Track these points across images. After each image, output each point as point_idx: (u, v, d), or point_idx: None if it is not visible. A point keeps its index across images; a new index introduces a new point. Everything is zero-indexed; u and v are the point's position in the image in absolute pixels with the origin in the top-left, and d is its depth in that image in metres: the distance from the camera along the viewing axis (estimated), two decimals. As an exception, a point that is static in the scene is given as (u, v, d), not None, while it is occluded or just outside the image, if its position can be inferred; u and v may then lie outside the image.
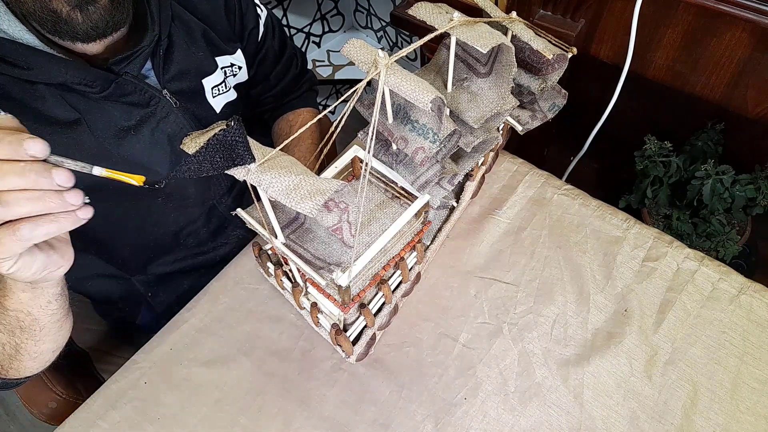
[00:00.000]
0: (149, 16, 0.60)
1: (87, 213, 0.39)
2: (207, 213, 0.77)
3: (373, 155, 0.61)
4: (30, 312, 0.49)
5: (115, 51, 0.59)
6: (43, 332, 0.52)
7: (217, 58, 0.71)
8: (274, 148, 0.45)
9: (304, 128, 0.45)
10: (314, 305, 0.60)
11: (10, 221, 0.36)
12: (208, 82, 0.70)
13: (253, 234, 0.75)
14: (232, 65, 0.74)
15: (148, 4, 0.61)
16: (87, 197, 0.38)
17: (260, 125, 0.94)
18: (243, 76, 0.77)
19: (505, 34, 0.60)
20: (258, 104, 0.89)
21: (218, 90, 0.72)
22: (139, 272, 0.76)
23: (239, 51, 0.75)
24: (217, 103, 0.73)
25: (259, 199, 0.48)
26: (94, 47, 0.57)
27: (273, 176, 0.42)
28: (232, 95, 0.75)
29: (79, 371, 0.78)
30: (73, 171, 0.37)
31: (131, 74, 0.60)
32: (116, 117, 0.61)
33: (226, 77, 0.73)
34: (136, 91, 0.61)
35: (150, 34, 0.60)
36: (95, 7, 0.52)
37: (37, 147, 0.34)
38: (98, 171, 0.37)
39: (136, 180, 0.39)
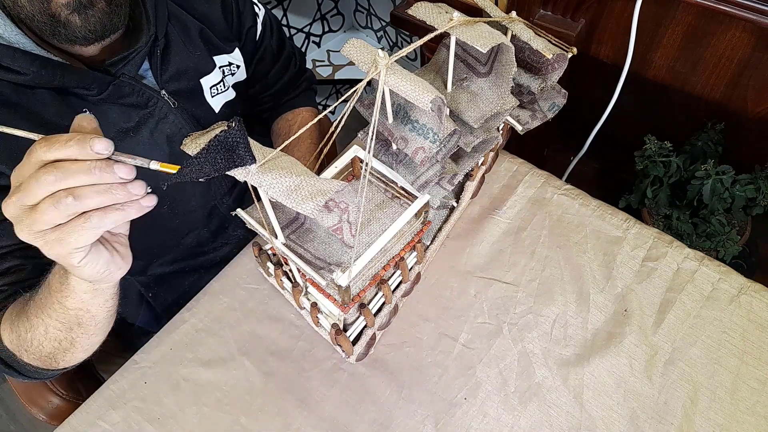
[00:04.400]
0: (145, 16, 0.60)
1: (151, 201, 0.42)
2: (208, 214, 0.77)
3: (373, 155, 0.61)
4: (89, 310, 0.53)
5: (112, 52, 0.59)
6: (98, 327, 0.56)
7: (215, 58, 0.71)
8: (274, 147, 0.45)
9: (304, 128, 0.45)
10: (314, 305, 0.60)
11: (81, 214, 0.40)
12: (206, 82, 0.70)
13: (254, 234, 0.75)
14: (230, 64, 0.74)
15: (143, 4, 0.60)
16: (149, 187, 0.41)
17: (260, 124, 0.94)
18: (241, 75, 0.77)
19: (505, 33, 0.60)
20: (257, 103, 0.89)
21: (217, 89, 0.72)
22: (140, 273, 0.76)
23: (237, 50, 0.75)
24: (216, 103, 0.73)
25: (259, 199, 0.48)
26: (91, 49, 0.57)
27: (274, 177, 0.42)
28: (231, 94, 0.75)
29: (79, 371, 0.78)
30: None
31: (129, 75, 0.60)
32: (115, 119, 0.61)
33: (225, 76, 0.73)
34: (134, 92, 0.61)
35: (146, 35, 0.60)
36: (93, 11, 0.52)
37: (102, 145, 0.37)
38: (154, 165, 0.40)
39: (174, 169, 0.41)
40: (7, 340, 0.57)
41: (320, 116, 0.51)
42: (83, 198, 0.38)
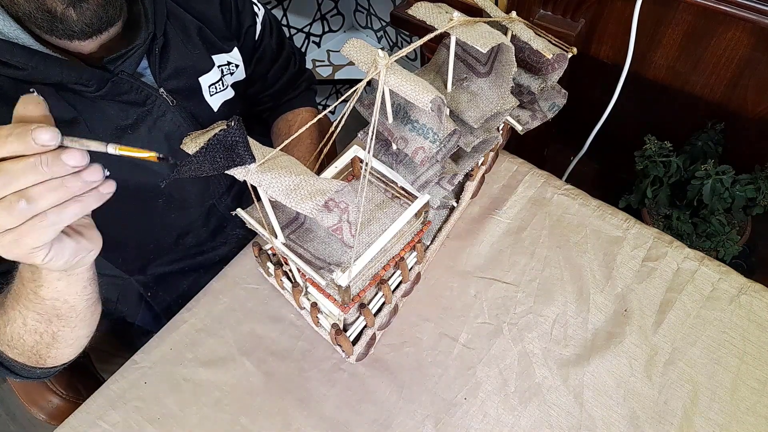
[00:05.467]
0: (143, 13, 0.60)
1: (110, 188, 0.39)
2: (206, 213, 0.77)
3: (373, 155, 0.61)
4: (66, 300, 0.50)
5: (110, 49, 0.59)
6: (79, 318, 0.53)
7: (213, 56, 0.71)
8: (274, 147, 0.45)
9: (304, 128, 0.45)
10: (314, 305, 0.60)
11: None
12: (204, 80, 0.70)
13: (253, 234, 0.75)
14: (228, 63, 0.74)
15: (142, 1, 0.60)
16: (107, 170, 0.37)
17: (260, 124, 0.94)
18: (240, 74, 0.77)
19: (505, 33, 0.60)
20: (256, 103, 0.89)
21: (215, 88, 0.72)
22: (139, 273, 0.76)
23: (236, 49, 0.75)
24: (215, 102, 0.73)
25: (259, 199, 0.48)
26: (89, 45, 0.57)
27: (273, 176, 0.42)
28: (230, 93, 0.75)
29: (79, 371, 0.78)
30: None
31: (127, 73, 0.60)
32: (113, 116, 0.61)
33: (223, 75, 0.73)
34: (132, 89, 0.61)
35: (144, 32, 0.60)
36: (88, 4, 0.52)
37: (47, 136, 0.34)
38: (113, 149, 0.36)
39: (150, 156, 0.38)
40: None
41: (320, 116, 0.51)
42: (37, 200, 0.35)
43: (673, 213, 1.03)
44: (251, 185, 0.44)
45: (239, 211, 0.55)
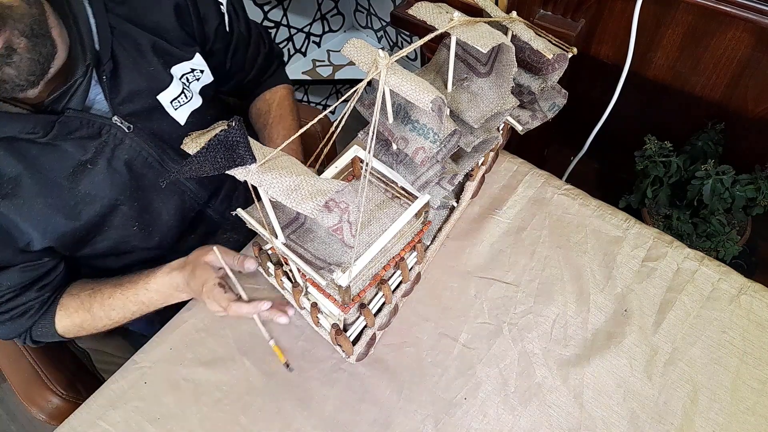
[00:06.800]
0: (79, 44, 0.57)
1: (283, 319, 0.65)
2: (190, 222, 0.75)
3: (374, 155, 0.61)
4: (149, 306, 0.68)
5: (55, 88, 0.57)
6: (125, 317, 0.69)
7: (172, 69, 0.68)
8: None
9: (303, 130, 0.45)
10: (314, 305, 0.60)
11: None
12: (164, 97, 0.67)
13: (249, 237, 0.75)
14: (192, 71, 0.71)
15: (78, 32, 0.57)
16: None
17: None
18: (207, 78, 0.74)
19: (506, 34, 0.60)
20: (239, 95, 0.87)
21: (179, 102, 0.69)
22: None
23: (198, 54, 0.72)
24: (181, 115, 0.70)
25: (259, 199, 0.48)
26: (33, 91, 0.55)
27: (274, 177, 0.42)
28: (197, 102, 0.72)
29: (79, 371, 0.78)
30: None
31: (75, 109, 0.58)
32: (72, 153, 0.60)
33: (189, 84, 0.71)
34: (83, 125, 0.59)
35: (82, 65, 0.57)
36: (17, 56, 0.50)
37: (262, 306, 0.64)
38: (272, 343, 0.65)
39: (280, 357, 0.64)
40: (63, 328, 0.68)
41: (320, 116, 0.51)
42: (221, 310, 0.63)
43: (673, 213, 1.03)
44: (251, 185, 0.44)
45: (240, 212, 0.55)
